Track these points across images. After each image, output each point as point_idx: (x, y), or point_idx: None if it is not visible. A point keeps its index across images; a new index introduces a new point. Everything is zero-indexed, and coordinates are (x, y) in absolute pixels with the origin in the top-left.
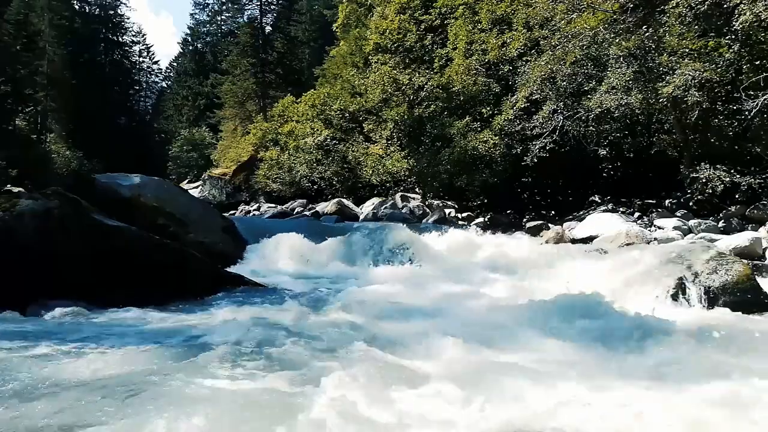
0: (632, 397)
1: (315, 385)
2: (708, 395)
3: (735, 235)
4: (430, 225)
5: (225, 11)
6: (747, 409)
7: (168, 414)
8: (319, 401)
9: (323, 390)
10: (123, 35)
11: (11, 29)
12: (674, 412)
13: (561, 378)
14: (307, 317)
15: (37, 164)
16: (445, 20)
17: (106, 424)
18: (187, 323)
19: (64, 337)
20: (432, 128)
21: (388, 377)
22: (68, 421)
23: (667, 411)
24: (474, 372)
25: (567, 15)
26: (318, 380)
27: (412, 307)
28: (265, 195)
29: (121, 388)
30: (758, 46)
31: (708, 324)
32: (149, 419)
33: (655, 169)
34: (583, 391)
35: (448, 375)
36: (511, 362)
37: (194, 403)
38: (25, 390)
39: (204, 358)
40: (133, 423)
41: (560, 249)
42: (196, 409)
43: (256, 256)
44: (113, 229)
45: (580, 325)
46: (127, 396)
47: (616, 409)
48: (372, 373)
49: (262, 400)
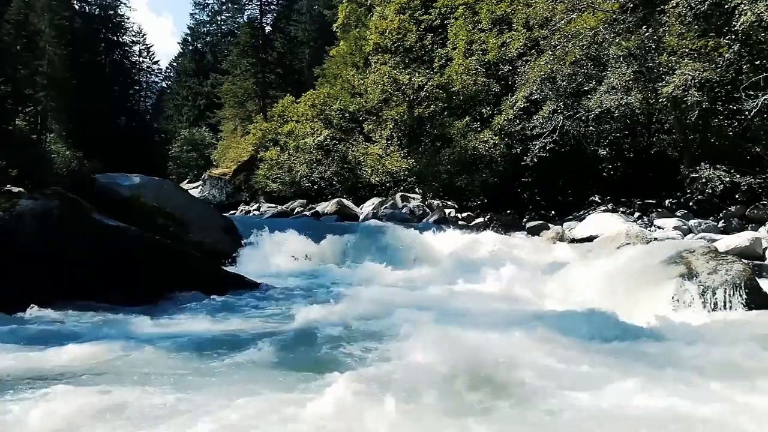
0: (632, 397)
1: (315, 385)
2: (708, 395)
3: (735, 235)
4: (430, 225)
5: (225, 11)
6: (748, 409)
7: (168, 414)
8: (319, 402)
9: (323, 390)
10: (123, 35)
11: (11, 29)
12: (674, 412)
13: (560, 378)
14: (307, 317)
15: (37, 164)
16: (445, 20)
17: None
18: (187, 323)
19: (62, 337)
20: (432, 128)
21: (388, 377)
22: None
23: (667, 411)
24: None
25: (567, 15)
26: (318, 380)
27: (412, 307)
28: (265, 195)
29: (119, 389)
30: (758, 46)
31: (707, 324)
32: (149, 419)
33: (655, 169)
34: (584, 391)
35: (448, 375)
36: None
37: (193, 404)
38: (24, 390)
39: (203, 359)
40: (131, 424)
41: (560, 249)
42: (195, 410)
43: (256, 256)
44: (113, 229)
45: (580, 326)
46: (122, 398)
47: (616, 409)
48: (372, 373)
49: (262, 400)
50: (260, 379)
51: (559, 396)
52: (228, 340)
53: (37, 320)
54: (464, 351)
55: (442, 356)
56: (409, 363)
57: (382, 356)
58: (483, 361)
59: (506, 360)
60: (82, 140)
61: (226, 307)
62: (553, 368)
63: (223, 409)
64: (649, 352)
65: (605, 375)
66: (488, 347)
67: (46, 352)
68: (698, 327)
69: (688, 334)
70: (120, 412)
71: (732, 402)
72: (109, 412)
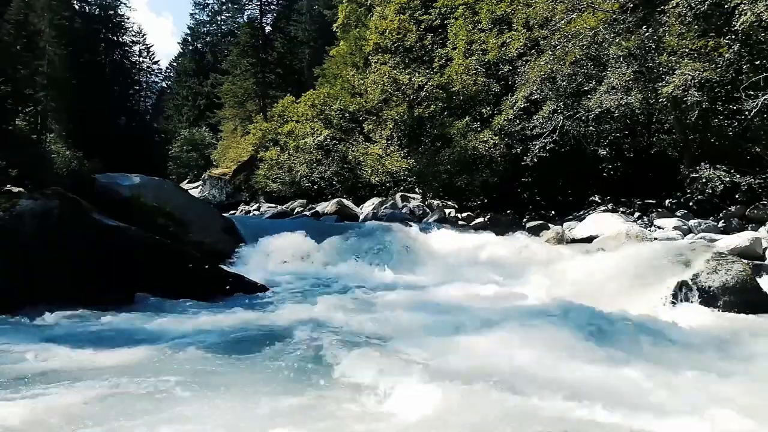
0: (632, 397)
1: (316, 385)
2: (708, 395)
3: (735, 235)
4: (430, 225)
5: (225, 11)
6: (747, 408)
7: (166, 413)
8: (320, 401)
9: (324, 390)
10: (123, 35)
11: (11, 29)
12: (674, 411)
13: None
14: (306, 317)
15: (37, 164)
16: (445, 20)
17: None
18: (186, 324)
19: (62, 338)
20: (432, 128)
21: (388, 378)
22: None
23: (667, 410)
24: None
25: (567, 15)
26: (319, 381)
27: (412, 307)
28: (265, 195)
29: (116, 390)
30: (758, 46)
31: (707, 324)
32: (147, 420)
33: (655, 169)
34: (583, 391)
35: (450, 376)
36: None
37: (192, 404)
38: (22, 393)
39: (203, 359)
40: (130, 424)
41: (560, 249)
42: (195, 410)
43: (256, 256)
44: (113, 229)
45: (580, 326)
46: (120, 397)
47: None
48: (372, 373)
49: (262, 400)
50: (261, 379)
51: (557, 395)
52: (228, 340)
53: (37, 321)
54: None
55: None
56: (410, 362)
57: (381, 356)
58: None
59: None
60: (82, 140)
61: (226, 307)
62: (552, 367)
63: (223, 409)
64: (648, 351)
65: (604, 374)
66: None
67: (46, 352)
68: (698, 327)
69: (687, 333)
70: (121, 413)
71: (732, 402)
72: (109, 412)
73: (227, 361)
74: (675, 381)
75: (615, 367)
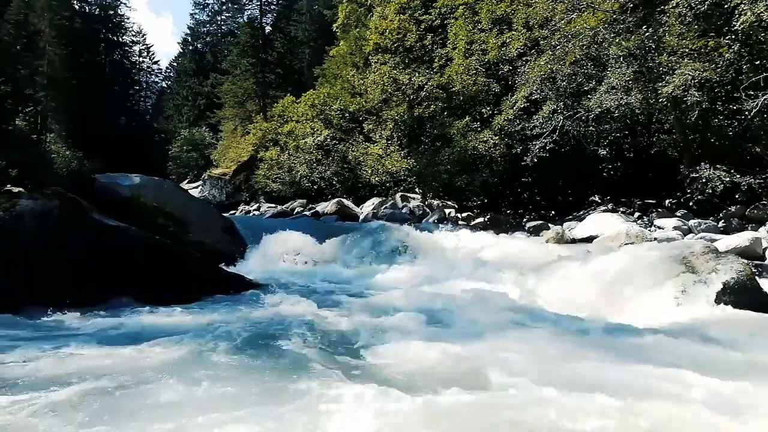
0: (630, 396)
1: (316, 385)
2: (707, 395)
3: (735, 235)
4: (430, 225)
5: (225, 11)
6: (748, 409)
7: (165, 413)
8: (320, 401)
9: (324, 391)
10: (123, 35)
11: (11, 29)
12: (674, 411)
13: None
14: (306, 318)
15: (37, 164)
16: (445, 20)
17: (101, 424)
18: (186, 324)
19: (61, 338)
20: (432, 128)
21: (388, 378)
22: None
23: (666, 411)
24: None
25: (567, 15)
26: (319, 381)
27: (412, 307)
28: (265, 195)
29: (116, 391)
30: (758, 46)
31: (707, 324)
32: (146, 420)
33: (655, 169)
34: (582, 392)
35: (450, 376)
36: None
37: (191, 404)
38: (20, 393)
39: (202, 359)
40: (129, 425)
41: (560, 249)
42: (194, 410)
43: (256, 256)
44: (113, 229)
45: (579, 325)
46: (120, 398)
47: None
48: (373, 374)
49: (261, 400)
50: (260, 379)
51: (556, 394)
52: (228, 340)
53: (37, 321)
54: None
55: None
56: (410, 362)
57: (381, 356)
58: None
59: (504, 359)
60: (82, 140)
61: (226, 307)
62: (551, 367)
63: (222, 410)
64: (648, 351)
65: (604, 374)
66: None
67: (45, 353)
68: (698, 327)
69: (687, 333)
70: (122, 412)
71: (731, 401)
72: (110, 412)
73: (227, 362)
74: (674, 381)
75: (615, 367)
